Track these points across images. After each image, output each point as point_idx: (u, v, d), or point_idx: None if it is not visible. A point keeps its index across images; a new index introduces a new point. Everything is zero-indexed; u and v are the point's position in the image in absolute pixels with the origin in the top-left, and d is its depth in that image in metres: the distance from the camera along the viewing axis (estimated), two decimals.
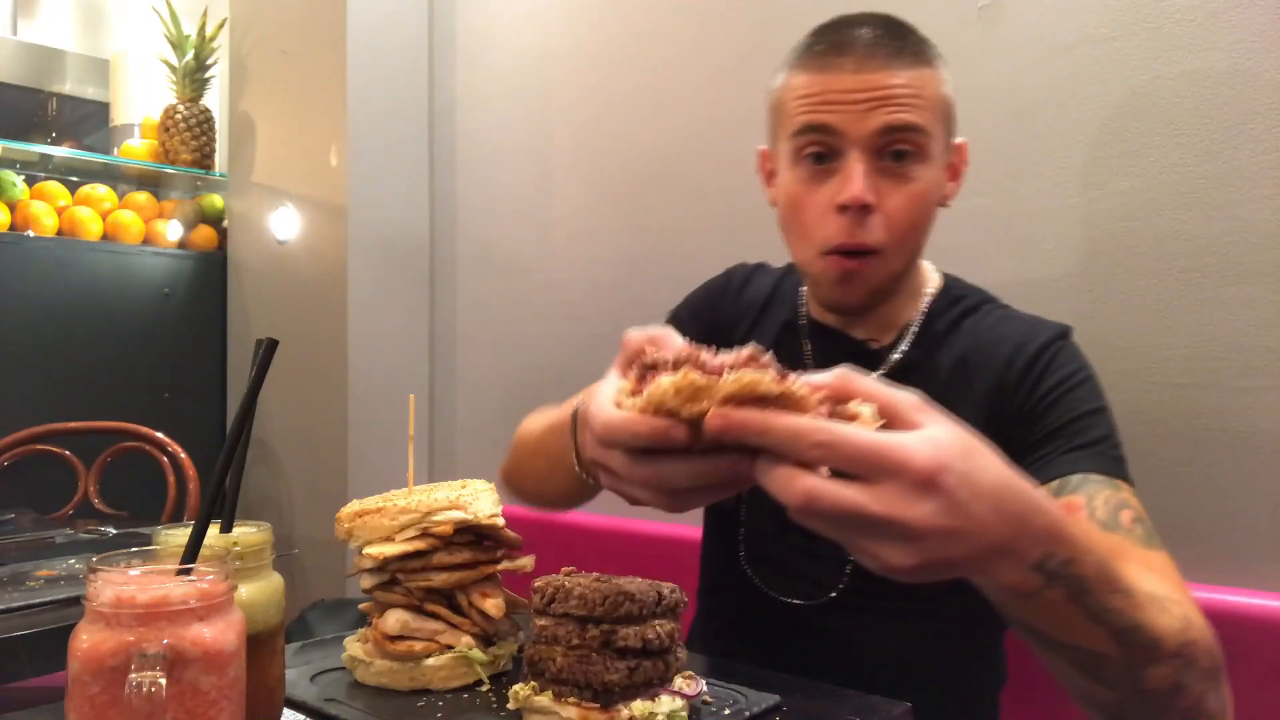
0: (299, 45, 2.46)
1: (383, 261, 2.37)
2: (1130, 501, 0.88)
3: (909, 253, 1.00)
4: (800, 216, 1.00)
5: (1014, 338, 1.01)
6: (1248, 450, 1.23)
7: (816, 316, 1.11)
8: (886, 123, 0.94)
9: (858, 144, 0.95)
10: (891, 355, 1.06)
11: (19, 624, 1.11)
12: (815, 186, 0.98)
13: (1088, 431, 0.93)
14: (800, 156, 0.99)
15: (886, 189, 0.96)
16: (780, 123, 1.03)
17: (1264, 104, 1.21)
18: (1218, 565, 1.22)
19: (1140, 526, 0.85)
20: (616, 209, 2.04)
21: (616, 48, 2.04)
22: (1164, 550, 0.84)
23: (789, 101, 1.00)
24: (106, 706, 0.55)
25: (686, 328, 1.05)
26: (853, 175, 0.94)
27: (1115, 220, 1.34)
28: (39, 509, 2.04)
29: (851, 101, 0.94)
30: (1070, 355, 1.00)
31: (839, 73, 0.95)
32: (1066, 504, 0.87)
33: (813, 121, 0.97)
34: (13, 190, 2.52)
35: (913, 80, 0.95)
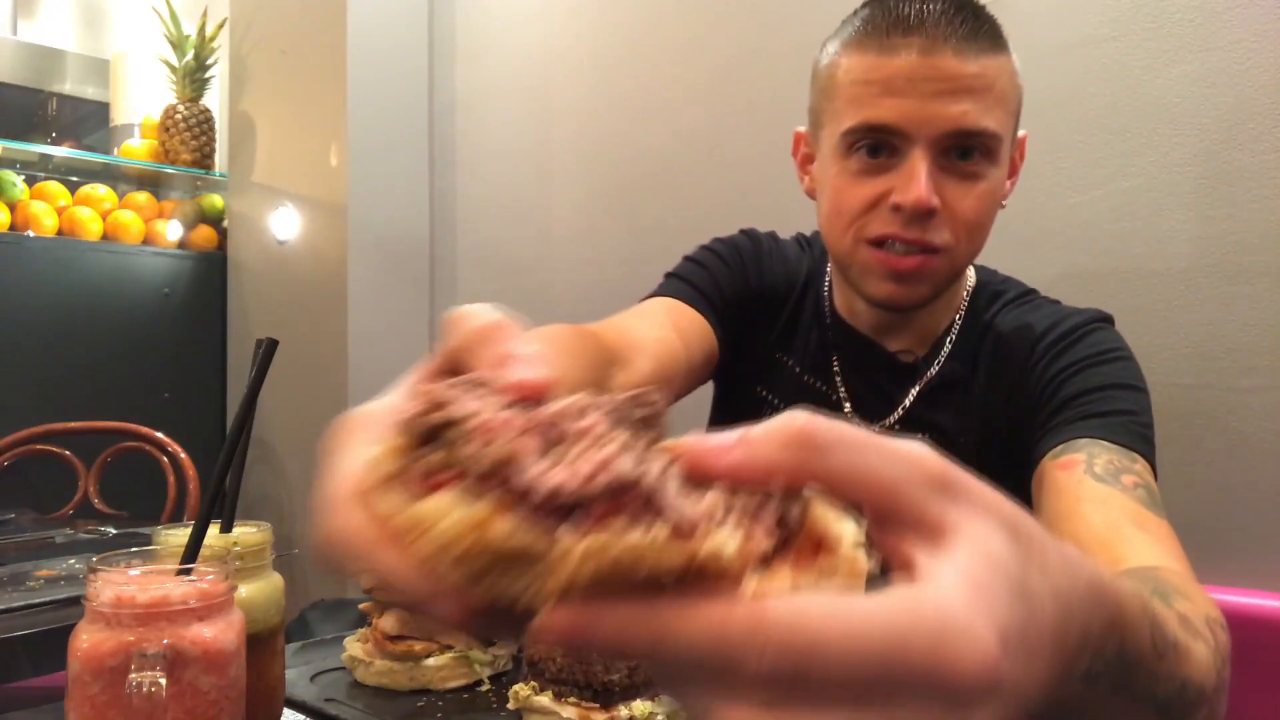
0: (299, 45, 2.46)
1: (383, 261, 2.37)
2: (1141, 473, 0.78)
3: (971, 256, 0.90)
4: (845, 210, 0.88)
5: (1045, 324, 0.93)
6: (1248, 450, 1.23)
7: (846, 319, 1.00)
8: (958, 126, 0.82)
9: (922, 143, 0.83)
10: (929, 370, 0.96)
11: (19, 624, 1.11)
12: (867, 179, 0.86)
13: (1108, 402, 0.84)
14: (852, 150, 0.87)
15: (951, 189, 0.85)
16: (828, 108, 0.90)
17: (1264, 104, 1.21)
18: (1218, 565, 1.22)
19: (1144, 492, 0.76)
20: (616, 209, 2.04)
21: (616, 48, 2.04)
22: (1166, 520, 0.75)
23: (842, 85, 0.87)
24: (106, 706, 0.55)
25: (720, 287, 0.99)
26: (916, 175, 0.83)
27: (1115, 220, 1.34)
28: (39, 509, 2.04)
29: (918, 94, 0.82)
30: (1105, 336, 0.91)
31: (903, 55, 0.82)
32: (1062, 462, 0.79)
33: (871, 120, 0.84)
34: (13, 190, 2.52)
35: (988, 70, 0.83)
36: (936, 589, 0.26)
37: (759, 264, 1.04)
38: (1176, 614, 0.54)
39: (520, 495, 0.27)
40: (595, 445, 0.28)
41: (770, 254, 1.06)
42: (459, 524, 0.27)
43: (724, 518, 0.27)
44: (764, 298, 1.03)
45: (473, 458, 0.28)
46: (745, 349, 1.02)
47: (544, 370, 0.33)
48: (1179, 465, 1.26)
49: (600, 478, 0.27)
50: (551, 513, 0.27)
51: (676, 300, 0.97)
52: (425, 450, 0.29)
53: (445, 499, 0.27)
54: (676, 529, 0.26)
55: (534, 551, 0.26)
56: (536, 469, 0.27)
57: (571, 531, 0.26)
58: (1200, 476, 1.25)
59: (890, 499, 0.28)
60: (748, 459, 0.28)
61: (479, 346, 0.35)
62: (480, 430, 0.29)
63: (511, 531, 0.26)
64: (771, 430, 0.28)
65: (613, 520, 0.26)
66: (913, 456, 0.28)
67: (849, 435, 0.28)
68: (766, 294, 1.03)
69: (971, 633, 0.25)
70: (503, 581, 0.27)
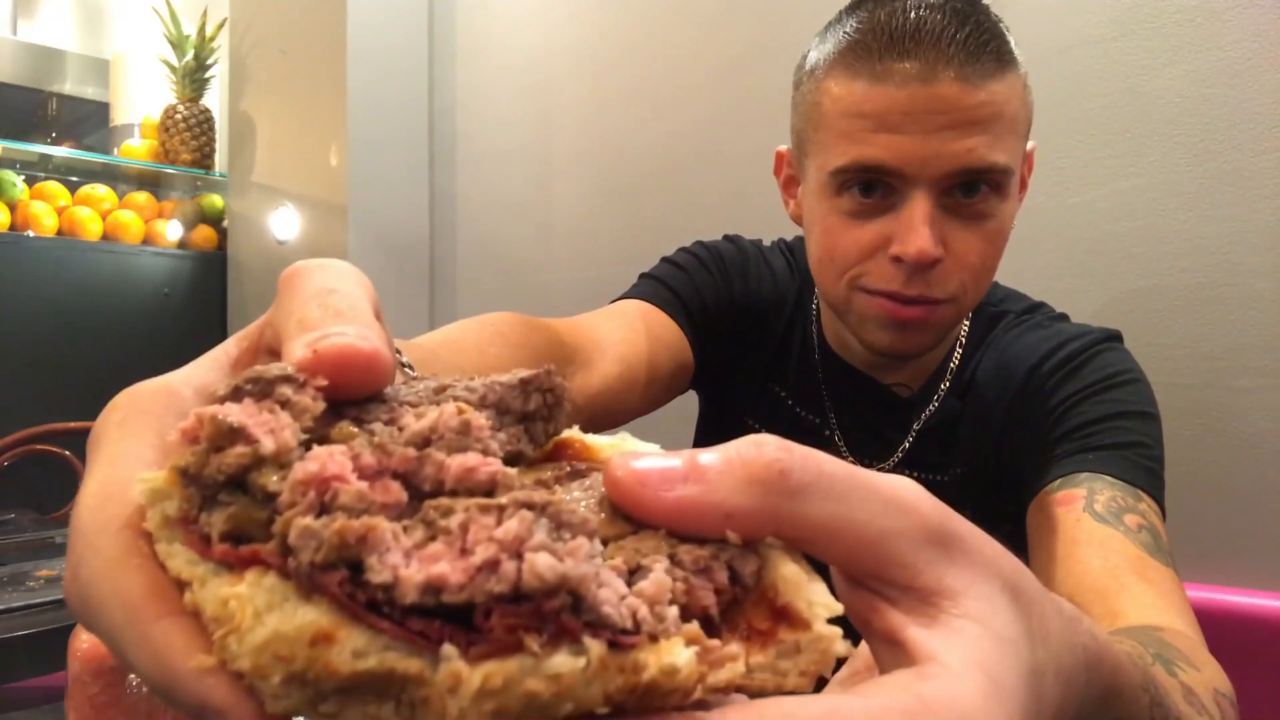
0: (299, 45, 2.46)
1: (383, 261, 2.36)
2: (1146, 513, 0.72)
3: (977, 299, 0.80)
4: (839, 259, 0.79)
5: (1047, 346, 0.84)
6: (1248, 450, 1.23)
7: (838, 351, 0.92)
8: (964, 165, 0.72)
9: (923, 184, 0.73)
10: (926, 407, 0.88)
11: (19, 624, 1.11)
12: (861, 223, 0.77)
13: (1114, 433, 0.76)
14: (844, 189, 0.77)
15: (955, 232, 0.75)
16: (814, 137, 0.79)
17: (1264, 104, 1.21)
18: (1218, 565, 1.22)
19: (1148, 535, 0.70)
20: (616, 209, 2.04)
21: (616, 48, 2.04)
22: (1171, 568, 0.69)
23: (829, 115, 0.76)
24: (106, 706, 0.56)
25: (702, 295, 0.92)
26: (916, 223, 0.73)
27: (1115, 220, 1.34)
28: (39, 509, 2.04)
29: (918, 129, 0.72)
30: (1113, 358, 0.82)
31: (899, 83, 0.72)
32: (1060, 498, 0.73)
33: (864, 161, 0.74)
34: (13, 190, 2.52)
35: (996, 96, 0.72)
36: (947, 689, 0.21)
37: (744, 275, 0.96)
38: (1181, 685, 0.50)
39: (377, 596, 0.18)
40: (489, 510, 0.19)
41: (757, 266, 0.97)
42: (289, 635, 0.18)
43: (673, 592, 0.20)
44: (749, 312, 0.95)
45: (303, 537, 0.19)
46: (731, 371, 0.96)
47: (370, 336, 0.24)
48: (1179, 465, 1.26)
49: (503, 569, 0.18)
50: (427, 619, 0.18)
51: (649, 304, 0.90)
52: (221, 496, 0.20)
53: (263, 587, 0.19)
54: (613, 640, 0.19)
55: (402, 676, 0.18)
56: (399, 553, 0.19)
57: (461, 650, 0.18)
58: (1200, 476, 1.25)
59: (876, 556, 0.22)
60: (699, 499, 0.21)
61: (290, 342, 0.25)
62: (307, 484, 0.19)
63: (366, 647, 0.18)
64: (732, 461, 0.22)
65: (524, 636, 0.18)
66: (905, 503, 0.23)
67: (829, 473, 0.22)
68: (752, 309, 0.95)
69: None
70: (351, 707, 0.19)
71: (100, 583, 0.22)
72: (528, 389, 0.24)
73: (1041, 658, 0.24)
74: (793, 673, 0.21)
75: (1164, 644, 0.55)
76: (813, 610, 0.21)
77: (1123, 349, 0.85)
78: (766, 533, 0.22)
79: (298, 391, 0.22)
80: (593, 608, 0.18)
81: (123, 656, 0.22)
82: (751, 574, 0.22)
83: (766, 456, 0.22)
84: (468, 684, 0.18)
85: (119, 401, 0.25)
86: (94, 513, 0.23)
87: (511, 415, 0.24)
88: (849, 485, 0.22)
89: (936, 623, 0.22)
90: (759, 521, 0.22)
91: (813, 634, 0.21)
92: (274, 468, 0.20)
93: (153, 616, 0.21)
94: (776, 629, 0.21)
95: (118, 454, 0.24)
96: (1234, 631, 1.07)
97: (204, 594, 0.20)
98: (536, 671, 0.18)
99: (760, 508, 0.22)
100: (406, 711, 0.19)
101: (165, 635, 0.20)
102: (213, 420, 0.21)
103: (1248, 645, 1.06)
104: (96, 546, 0.22)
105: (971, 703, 0.21)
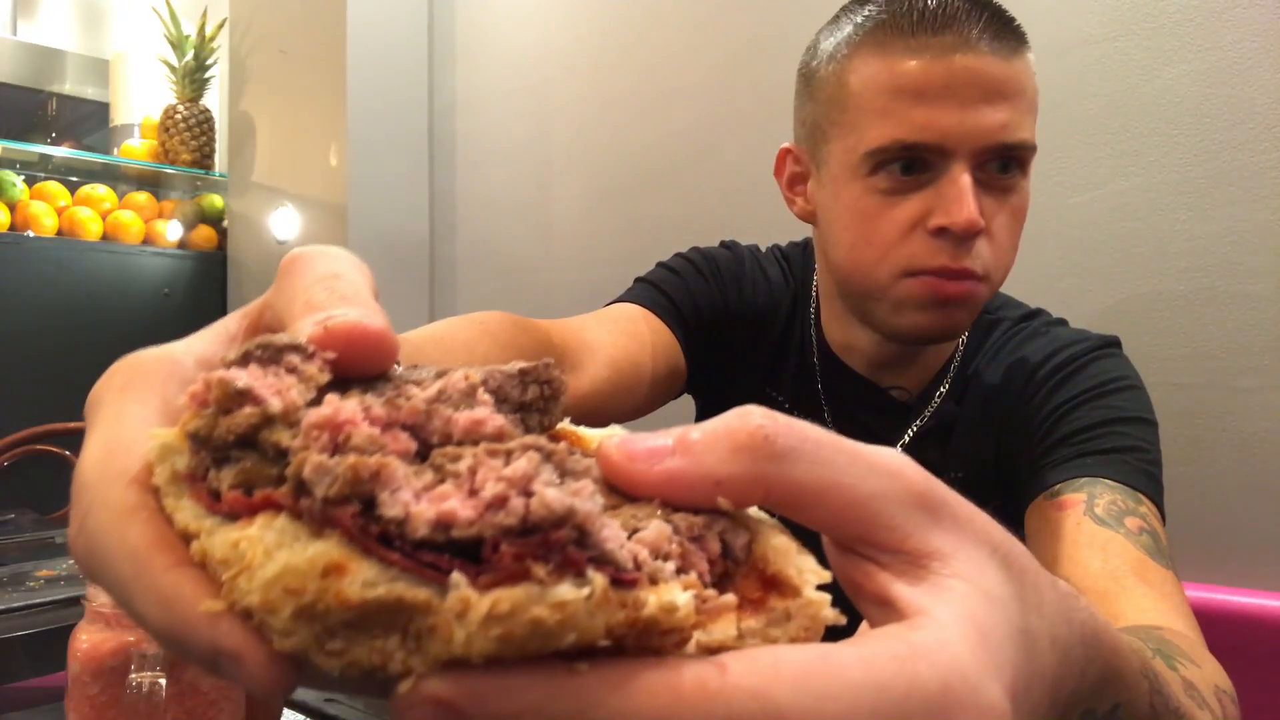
0: (299, 45, 2.46)
1: (383, 261, 2.36)
2: (1147, 516, 0.72)
3: (1005, 276, 0.81)
4: (879, 240, 0.78)
5: (1043, 353, 0.84)
6: (1248, 450, 1.23)
7: (839, 354, 0.92)
8: (999, 140, 0.73)
9: (963, 156, 0.74)
10: (923, 410, 0.88)
11: (19, 624, 1.11)
12: (899, 200, 0.76)
13: (1112, 438, 0.76)
14: (879, 169, 0.77)
15: (990, 206, 0.76)
16: (840, 119, 0.78)
17: (1264, 104, 1.21)
18: (1218, 565, 1.22)
19: (1149, 538, 0.70)
20: (616, 208, 2.04)
21: (616, 48, 2.04)
22: (1171, 571, 0.69)
23: (859, 94, 0.76)
24: (106, 706, 0.55)
25: (695, 296, 0.92)
26: (963, 194, 0.73)
27: (1115, 220, 1.34)
28: (39, 509, 2.04)
29: (956, 102, 0.72)
30: (1110, 365, 0.82)
31: (934, 56, 0.72)
32: (1060, 502, 0.73)
33: (905, 138, 0.74)
34: (13, 190, 2.52)
35: (1020, 72, 0.74)
36: (935, 638, 0.21)
37: (739, 281, 0.95)
38: (1181, 679, 0.50)
39: (388, 529, 0.19)
40: (497, 454, 0.20)
41: (752, 273, 0.96)
42: (300, 568, 0.18)
43: (670, 551, 0.21)
44: (744, 318, 0.94)
45: (317, 472, 0.19)
46: (727, 376, 0.96)
47: (377, 317, 0.24)
48: (1179, 465, 1.26)
49: (513, 504, 0.19)
50: (437, 553, 0.19)
51: (643, 308, 0.90)
52: (232, 453, 0.21)
53: (274, 528, 0.19)
54: (615, 577, 0.19)
55: (411, 605, 0.18)
56: (410, 491, 0.19)
57: (470, 579, 0.18)
58: (1200, 476, 1.25)
59: (863, 519, 0.23)
60: (688, 469, 0.22)
61: (303, 301, 0.25)
62: (321, 428, 0.20)
63: (376, 579, 0.19)
64: (718, 431, 0.22)
65: (532, 567, 0.18)
66: (892, 468, 0.23)
67: (814, 439, 0.22)
68: (746, 315, 0.95)
69: (982, 696, 0.21)
70: (358, 643, 0.19)
71: (107, 534, 0.22)
72: (526, 380, 0.24)
73: (1035, 623, 0.25)
74: (783, 639, 0.21)
75: (1164, 641, 0.55)
76: (802, 577, 0.22)
77: (1120, 356, 0.85)
78: (756, 498, 0.22)
79: (305, 360, 0.22)
80: (597, 544, 0.19)
81: (130, 607, 0.22)
82: (743, 547, 0.22)
83: (751, 424, 0.22)
84: (475, 609, 0.18)
85: (119, 367, 0.25)
86: (99, 468, 0.23)
87: (509, 404, 0.24)
88: (834, 450, 0.22)
89: (925, 582, 0.22)
90: (747, 486, 0.22)
91: (802, 600, 0.22)
92: (283, 426, 0.21)
93: (161, 566, 0.21)
94: (767, 598, 0.22)
95: (121, 413, 0.24)
96: (1234, 631, 1.07)
97: (212, 541, 0.20)
98: (542, 599, 0.18)
99: (747, 472, 0.22)
100: (413, 644, 0.19)
101: (174, 583, 0.21)
102: (221, 383, 0.21)
103: (1248, 645, 1.06)
104: (103, 500, 0.22)
105: (960, 650, 0.21)
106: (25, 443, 2.21)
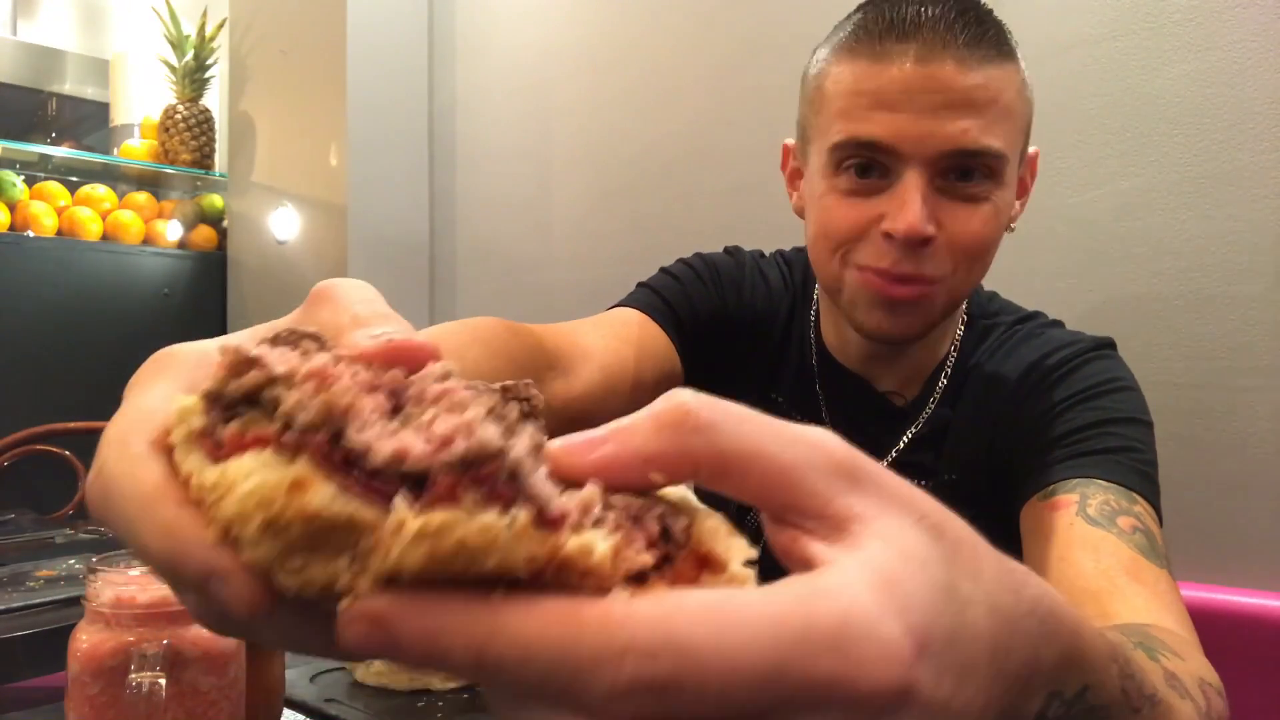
0: (299, 45, 2.46)
1: (383, 261, 2.37)
2: (1141, 515, 0.71)
3: (970, 285, 0.81)
4: (833, 234, 0.80)
5: (1036, 355, 0.85)
6: (1248, 450, 1.23)
7: (835, 354, 0.92)
8: (957, 145, 0.74)
9: (916, 163, 0.75)
10: (920, 414, 0.89)
11: (19, 624, 1.11)
12: (857, 201, 0.78)
13: (1105, 439, 0.76)
14: (840, 167, 0.79)
15: (949, 213, 0.76)
16: (816, 121, 0.82)
17: (1264, 104, 1.22)
18: (1218, 565, 1.22)
19: (1142, 537, 0.69)
20: (616, 208, 2.04)
21: (616, 47, 2.04)
22: (1166, 570, 0.68)
23: (830, 96, 0.79)
24: (106, 706, 0.56)
25: (696, 304, 0.93)
26: (908, 201, 0.74)
27: (1115, 220, 1.34)
28: (39, 509, 2.04)
29: (913, 108, 0.74)
30: (1104, 366, 0.83)
31: (897, 63, 0.74)
32: (1053, 503, 0.73)
33: (859, 136, 0.76)
34: (13, 190, 2.52)
35: (992, 81, 0.74)
36: (837, 580, 0.22)
37: (738, 287, 0.97)
38: (1163, 669, 0.49)
39: (352, 456, 0.22)
40: (454, 408, 0.23)
41: (752, 278, 0.98)
42: (270, 484, 0.21)
43: (601, 515, 0.23)
44: (743, 324, 0.96)
45: (297, 406, 0.22)
46: (728, 380, 0.96)
47: (420, 338, 0.27)
48: (1179, 465, 1.26)
49: (457, 444, 0.21)
50: (389, 482, 0.22)
51: (641, 313, 0.91)
52: (239, 409, 0.24)
53: (257, 458, 0.22)
54: (541, 516, 0.21)
55: (359, 524, 0.21)
56: (376, 430, 0.22)
57: (409, 503, 0.21)
58: (1200, 476, 1.25)
59: (787, 486, 0.24)
60: (620, 450, 0.24)
61: (347, 335, 0.28)
62: (310, 377, 0.23)
63: (334, 497, 0.21)
64: (646, 414, 0.24)
65: (463, 495, 0.21)
66: (813, 439, 0.24)
67: (735, 413, 0.24)
68: (746, 320, 0.96)
69: (880, 630, 0.21)
70: (314, 562, 0.22)
71: (121, 478, 0.25)
72: (506, 396, 0.26)
73: (966, 586, 0.25)
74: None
75: (1148, 635, 0.55)
76: (730, 553, 0.24)
77: (1114, 357, 0.85)
78: (687, 472, 0.24)
79: (319, 349, 0.25)
80: (526, 483, 0.21)
81: (134, 541, 0.25)
82: (682, 530, 0.24)
83: (672, 402, 0.24)
84: (409, 527, 0.21)
85: (155, 356, 0.29)
86: (122, 428, 0.26)
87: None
88: (756, 422, 0.24)
89: (843, 540, 0.23)
90: (675, 461, 0.24)
91: (728, 574, 0.23)
92: (284, 386, 0.23)
93: (165, 503, 0.24)
94: (701, 575, 0.23)
95: (150, 389, 0.27)
96: (1234, 631, 1.07)
97: (206, 476, 0.23)
98: (468, 523, 0.21)
99: (674, 447, 0.23)
100: (359, 564, 0.21)
101: (175, 516, 0.23)
102: (235, 350, 0.24)
103: (1248, 645, 1.06)
104: (120, 452, 0.25)
105: (860, 590, 0.22)
106: (25, 443, 2.21)
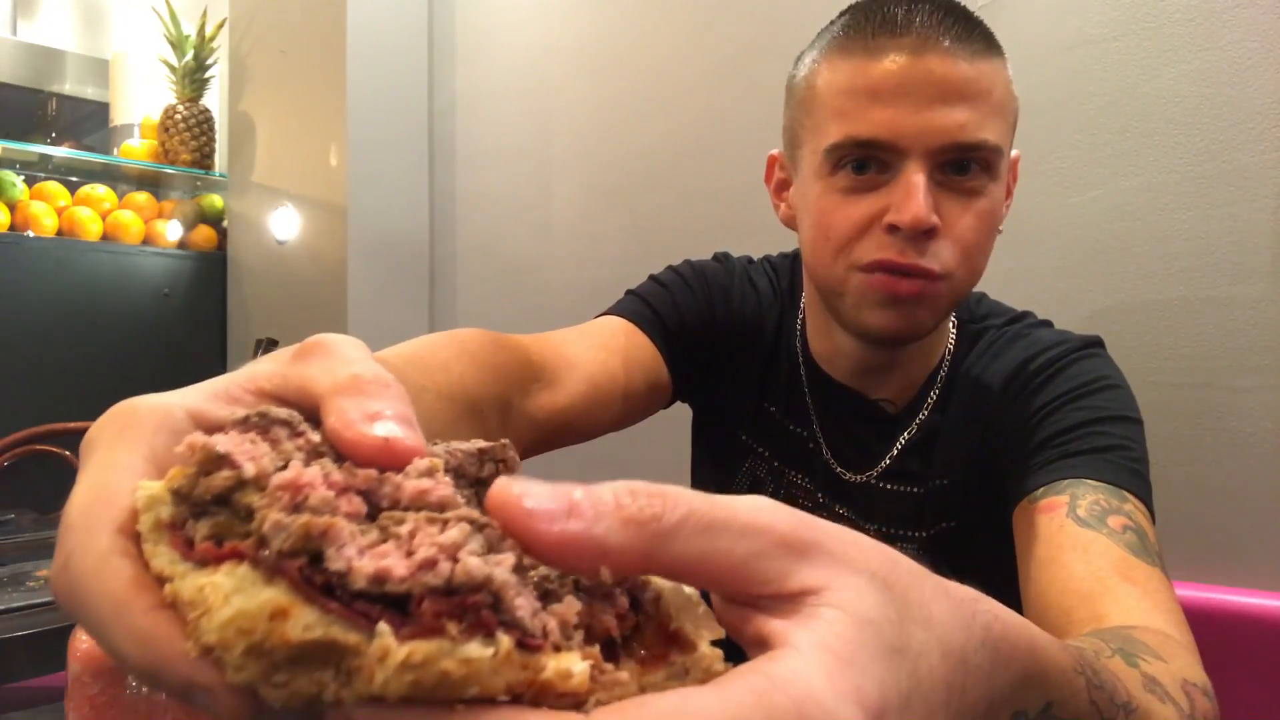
0: (299, 45, 2.46)
1: (382, 261, 2.37)
2: (1133, 514, 0.71)
3: (971, 283, 0.80)
4: (835, 234, 0.78)
5: (1023, 356, 0.84)
6: (1248, 450, 1.23)
7: (823, 366, 0.92)
8: (955, 139, 0.74)
9: (916, 156, 0.75)
10: (911, 423, 0.88)
11: (19, 624, 1.11)
12: (856, 198, 0.77)
13: (1094, 438, 0.75)
14: (837, 167, 0.78)
15: (950, 207, 0.76)
16: (807, 124, 0.81)
17: (1264, 104, 1.21)
18: (1218, 565, 1.22)
19: (1133, 536, 0.69)
20: (616, 208, 2.04)
21: (616, 48, 2.04)
22: (1158, 568, 0.68)
23: (823, 97, 0.78)
24: (106, 706, 0.56)
25: (684, 312, 0.93)
26: (913, 192, 0.73)
27: (1115, 220, 1.34)
28: (39, 509, 2.04)
29: (910, 102, 0.73)
30: (1091, 365, 0.82)
31: (891, 58, 0.74)
32: (1043, 505, 0.73)
33: (858, 135, 0.75)
34: (13, 190, 2.52)
35: (984, 75, 0.75)
36: (791, 667, 0.22)
37: (727, 294, 0.96)
38: (1141, 675, 0.49)
39: (331, 580, 0.22)
40: (435, 522, 0.23)
41: (741, 285, 0.97)
42: (250, 612, 0.21)
43: (579, 619, 0.23)
44: (732, 331, 0.95)
45: (274, 528, 0.22)
46: (721, 387, 0.96)
47: (415, 436, 0.27)
48: (1179, 465, 1.26)
49: (441, 567, 0.22)
50: (371, 603, 0.22)
51: (628, 322, 0.90)
52: (210, 509, 0.24)
53: (235, 575, 0.22)
54: (522, 641, 0.22)
55: (342, 647, 0.21)
56: (354, 548, 0.22)
57: (394, 628, 0.21)
58: (1200, 476, 1.25)
59: (739, 580, 0.24)
60: (580, 537, 0.23)
61: (342, 399, 0.27)
62: (284, 489, 0.23)
63: (316, 622, 0.21)
64: (607, 504, 0.24)
65: (447, 624, 0.21)
66: (759, 524, 0.24)
67: (695, 513, 0.24)
68: (735, 328, 0.95)
69: (837, 718, 0.22)
70: (299, 677, 0.22)
71: (89, 577, 0.24)
72: (484, 458, 0.27)
73: (919, 638, 0.26)
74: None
75: (1129, 639, 0.55)
76: (698, 633, 0.24)
77: (1102, 355, 0.85)
78: (637, 570, 0.24)
79: (291, 436, 0.26)
80: (509, 610, 0.22)
81: (109, 645, 0.24)
82: (650, 601, 0.25)
83: (641, 498, 0.24)
84: (393, 656, 0.21)
85: (116, 412, 0.28)
86: (85, 513, 0.25)
87: (466, 479, 0.27)
88: (710, 519, 0.24)
89: (797, 615, 0.24)
90: (633, 559, 0.23)
91: (697, 654, 0.24)
92: (255, 489, 0.23)
93: (139, 608, 0.23)
94: (668, 653, 0.24)
95: (110, 461, 0.26)
96: (1233, 631, 1.07)
97: (183, 584, 0.23)
98: (452, 654, 0.21)
99: (635, 547, 0.23)
100: (344, 679, 0.22)
101: (152, 624, 0.23)
102: (203, 448, 0.24)
103: (1247, 645, 1.06)
104: (86, 544, 0.24)
105: (814, 679, 0.22)
106: (25, 443, 2.21)
